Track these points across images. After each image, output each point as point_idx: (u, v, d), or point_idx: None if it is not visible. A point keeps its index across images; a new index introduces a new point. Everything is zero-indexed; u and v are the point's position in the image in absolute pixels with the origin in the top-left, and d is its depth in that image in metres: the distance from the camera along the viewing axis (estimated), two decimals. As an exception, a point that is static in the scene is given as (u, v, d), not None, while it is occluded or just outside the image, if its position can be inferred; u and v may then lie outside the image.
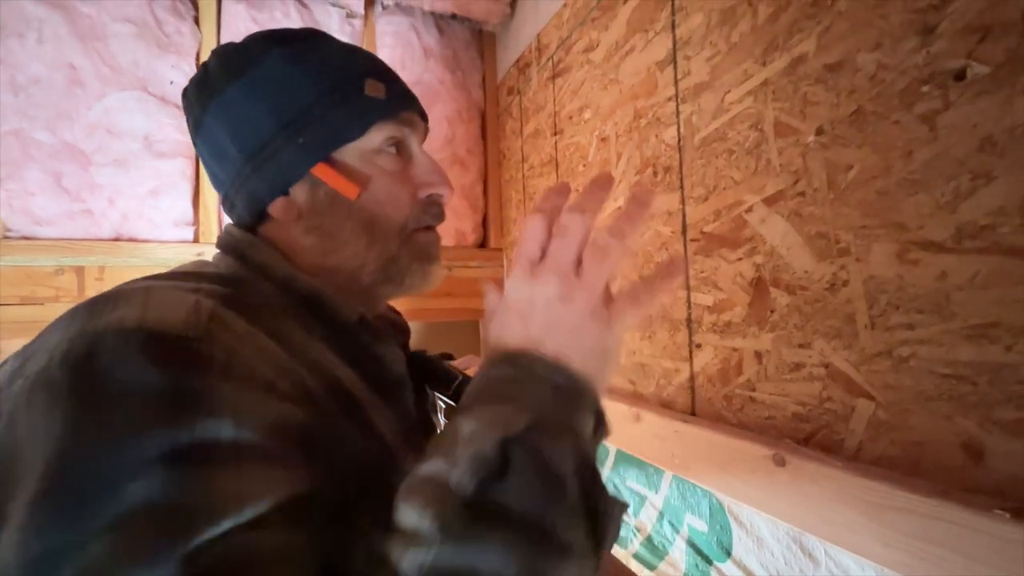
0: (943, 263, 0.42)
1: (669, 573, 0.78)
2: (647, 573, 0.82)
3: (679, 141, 0.74)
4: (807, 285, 0.54)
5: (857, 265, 0.49)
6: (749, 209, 0.61)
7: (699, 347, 0.70)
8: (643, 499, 0.84)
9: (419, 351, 0.56)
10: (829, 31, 0.51)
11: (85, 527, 0.22)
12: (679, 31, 0.73)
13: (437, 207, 0.47)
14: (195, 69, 1.16)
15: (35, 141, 1.02)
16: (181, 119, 1.13)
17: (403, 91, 0.46)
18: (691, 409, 0.71)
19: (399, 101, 0.44)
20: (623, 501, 0.29)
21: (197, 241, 1.16)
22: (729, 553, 0.66)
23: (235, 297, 0.34)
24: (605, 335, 0.31)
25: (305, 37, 0.44)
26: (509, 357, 0.31)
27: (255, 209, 0.43)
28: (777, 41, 0.57)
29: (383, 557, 0.24)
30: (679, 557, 0.76)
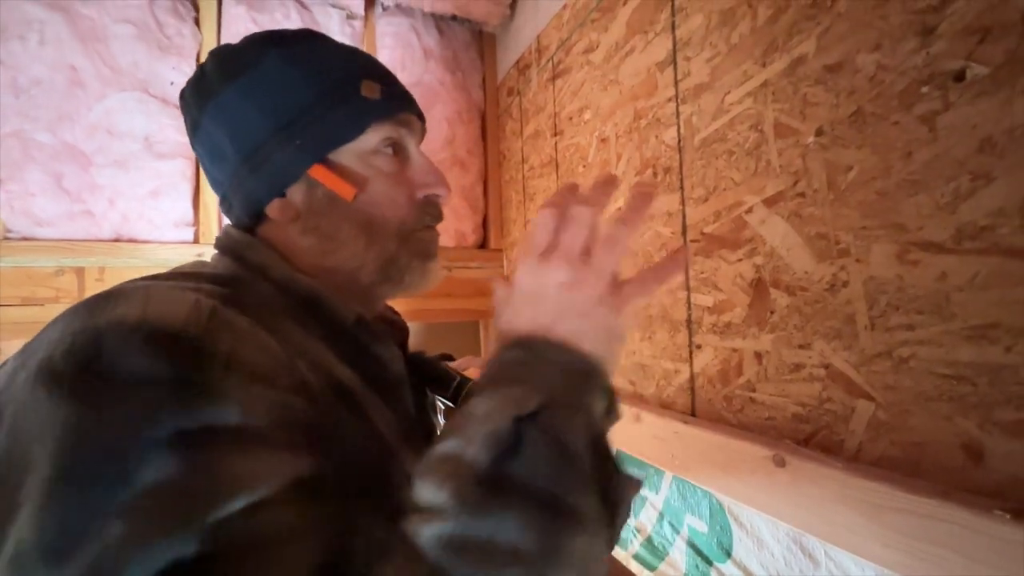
0: (943, 264, 0.42)
1: (669, 574, 0.78)
2: (647, 574, 0.82)
3: (679, 142, 0.74)
4: (807, 286, 0.54)
5: (857, 266, 0.49)
6: (749, 210, 0.61)
7: (699, 348, 0.70)
8: (643, 500, 0.84)
9: (417, 352, 0.56)
10: (829, 32, 0.51)
11: (100, 506, 0.22)
12: (679, 32, 0.73)
13: (435, 207, 0.47)
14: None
15: (36, 142, 1.02)
16: (181, 120, 1.12)
17: (399, 92, 0.46)
18: (691, 410, 0.71)
19: (395, 102, 0.45)
20: (637, 478, 0.30)
21: (197, 242, 1.16)
22: (729, 554, 0.66)
23: (234, 297, 0.34)
24: (613, 320, 0.32)
25: (301, 39, 0.44)
26: (521, 341, 0.31)
27: (252, 210, 0.43)
28: (777, 42, 0.57)
29: (388, 545, 0.25)
30: (679, 558, 0.76)
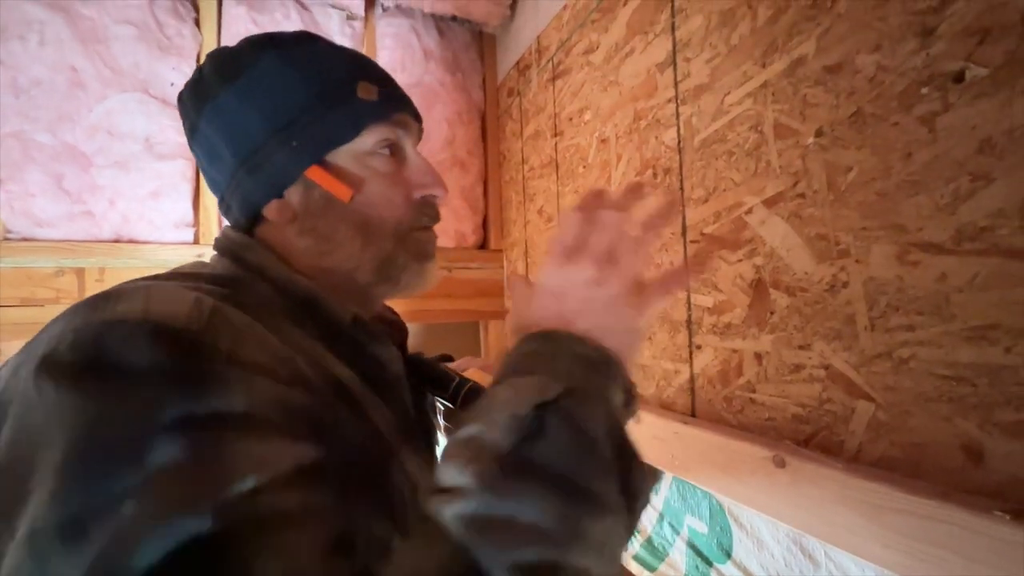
0: (943, 265, 0.42)
1: (669, 575, 0.78)
2: (647, 575, 0.82)
3: (679, 143, 0.74)
4: (807, 287, 0.54)
5: (857, 267, 0.49)
6: (749, 211, 0.61)
7: (699, 348, 0.70)
8: (643, 501, 0.84)
9: (416, 353, 0.56)
10: (828, 33, 0.51)
11: (114, 487, 0.22)
12: (679, 33, 0.73)
13: (432, 208, 0.47)
14: (196, 71, 1.16)
15: (36, 143, 1.02)
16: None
17: (396, 93, 0.46)
18: (691, 410, 0.71)
19: (392, 103, 0.45)
20: (656, 468, 0.30)
21: (197, 243, 1.16)
22: (729, 555, 0.66)
23: (233, 297, 0.34)
24: (635, 319, 0.33)
25: (298, 41, 0.44)
26: (543, 333, 0.32)
27: (250, 212, 0.43)
28: (777, 43, 0.57)
29: (407, 530, 0.25)
30: (679, 559, 0.76)
